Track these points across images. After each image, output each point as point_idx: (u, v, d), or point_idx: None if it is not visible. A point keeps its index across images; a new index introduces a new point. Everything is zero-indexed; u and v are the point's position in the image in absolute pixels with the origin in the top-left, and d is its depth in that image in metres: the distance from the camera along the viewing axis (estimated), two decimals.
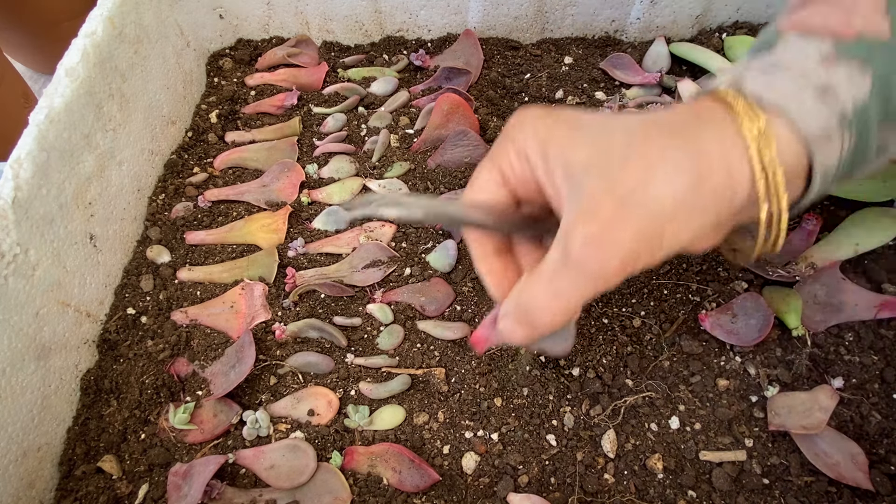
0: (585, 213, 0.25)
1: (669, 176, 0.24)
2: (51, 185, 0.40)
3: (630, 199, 0.24)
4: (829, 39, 0.26)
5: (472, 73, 0.60)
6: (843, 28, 0.26)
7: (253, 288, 0.47)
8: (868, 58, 0.26)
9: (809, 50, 0.26)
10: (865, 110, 0.26)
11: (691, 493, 0.37)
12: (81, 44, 0.44)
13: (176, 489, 0.38)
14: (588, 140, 0.26)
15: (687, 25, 0.63)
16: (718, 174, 0.25)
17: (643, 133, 0.26)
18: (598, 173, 0.25)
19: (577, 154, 0.26)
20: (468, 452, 0.39)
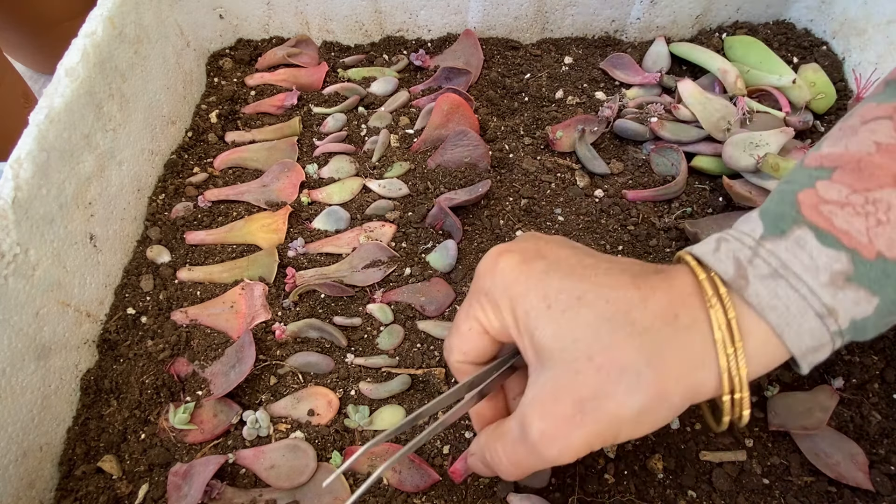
0: (544, 407, 0.26)
1: (629, 393, 0.25)
2: (51, 185, 0.40)
3: (588, 407, 0.25)
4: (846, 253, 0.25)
5: (472, 73, 0.60)
6: (865, 247, 0.25)
7: (253, 288, 0.47)
8: (880, 285, 0.25)
9: (822, 261, 0.25)
10: (864, 322, 0.25)
11: (691, 493, 0.37)
12: (81, 44, 0.44)
13: (176, 489, 0.38)
14: (556, 320, 0.27)
15: (687, 25, 0.63)
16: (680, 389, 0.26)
17: (611, 328, 0.26)
18: (563, 367, 0.26)
19: (544, 333, 0.27)
20: None
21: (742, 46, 0.60)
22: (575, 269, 0.28)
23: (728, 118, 0.53)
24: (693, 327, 0.26)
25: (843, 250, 0.25)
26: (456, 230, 0.48)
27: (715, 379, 0.26)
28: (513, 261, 0.29)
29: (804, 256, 0.25)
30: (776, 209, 0.27)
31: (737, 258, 0.26)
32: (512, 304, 0.28)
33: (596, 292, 0.27)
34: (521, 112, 0.59)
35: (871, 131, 0.27)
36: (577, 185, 0.53)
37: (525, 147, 0.55)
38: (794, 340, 0.25)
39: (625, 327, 0.26)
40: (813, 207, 0.26)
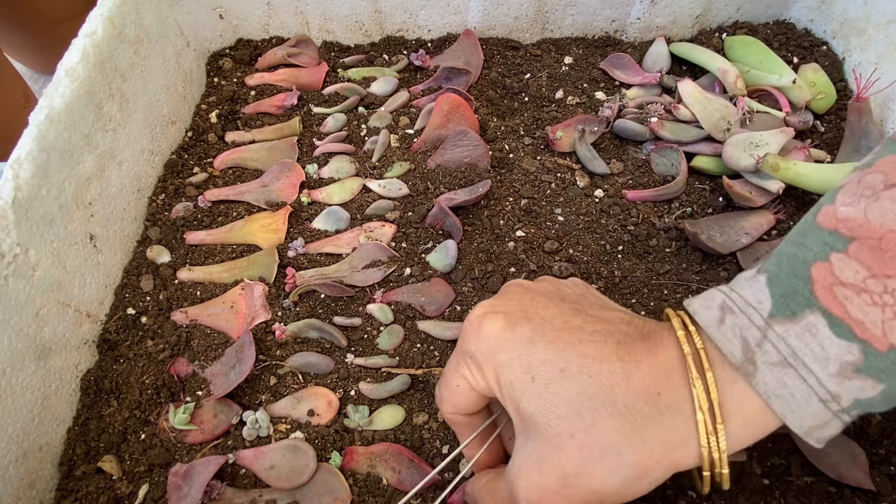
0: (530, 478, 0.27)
1: (610, 472, 0.26)
2: (51, 185, 0.40)
3: (571, 482, 0.26)
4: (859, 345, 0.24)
5: (472, 73, 0.60)
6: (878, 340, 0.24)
7: (253, 288, 0.47)
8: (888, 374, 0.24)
9: (833, 352, 0.24)
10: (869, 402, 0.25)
11: (691, 492, 0.37)
12: (81, 44, 0.44)
13: (176, 489, 0.38)
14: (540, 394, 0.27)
15: (687, 25, 0.63)
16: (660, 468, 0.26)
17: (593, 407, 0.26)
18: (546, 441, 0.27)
19: (528, 405, 0.28)
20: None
21: (742, 46, 0.59)
22: (560, 335, 0.28)
23: (728, 118, 0.53)
24: (675, 407, 0.26)
25: (856, 341, 0.24)
26: (456, 230, 0.48)
27: (695, 456, 0.26)
28: (497, 325, 0.29)
29: (815, 346, 0.24)
30: (787, 282, 0.26)
31: (744, 338, 0.25)
32: (496, 373, 0.29)
33: (579, 364, 0.27)
34: (521, 112, 0.59)
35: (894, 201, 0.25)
36: (577, 185, 0.53)
37: (525, 147, 0.55)
38: (796, 423, 0.25)
39: (606, 406, 0.26)
40: (827, 289, 0.25)
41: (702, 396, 0.26)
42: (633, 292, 0.45)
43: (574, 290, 0.34)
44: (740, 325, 0.26)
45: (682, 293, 0.45)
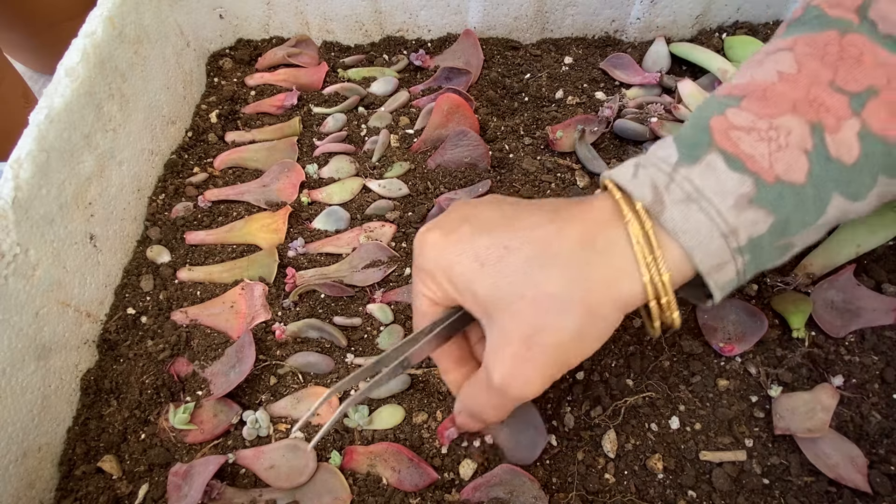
0: (497, 353, 0.29)
1: (561, 317, 0.28)
2: (51, 185, 0.40)
3: (532, 342, 0.28)
4: (751, 178, 0.27)
5: (472, 73, 0.60)
6: (766, 171, 0.27)
7: (253, 288, 0.47)
8: (776, 205, 0.27)
9: (729, 185, 0.27)
10: (759, 240, 0.28)
11: (691, 493, 0.37)
12: (81, 44, 0.44)
13: (176, 489, 0.38)
14: (490, 274, 0.29)
15: (687, 25, 0.63)
16: (607, 302, 0.28)
17: (537, 265, 0.28)
18: (505, 313, 0.29)
19: (482, 289, 0.29)
20: (466, 459, 0.39)
21: (742, 46, 0.60)
22: (499, 223, 0.30)
23: None
24: (612, 246, 0.28)
25: (748, 174, 0.27)
26: None
27: (640, 287, 0.28)
28: (437, 235, 0.31)
29: (714, 180, 0.27)
30: (691, 136, 0.29)
31: (654, 184, 0.28)
32: (447, 273, 0.31)
33: (519, 237, 0.29)
34: (521, 112, 0.59)
35: (774, 62, 0.29)
36: (577, 185, 0.53)
37: (525, 147, 0.55)
38: (701, 259, 0.27)
39: (548, 261, 0.28)
40: (723, 133, 0.28)
41: (636, 230, 0.28)
42: None
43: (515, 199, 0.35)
44: (651, 174, 0.29)
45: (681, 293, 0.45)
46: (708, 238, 0.27)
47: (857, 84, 0.27)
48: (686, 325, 0.43)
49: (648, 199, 0.28)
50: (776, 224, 0.27)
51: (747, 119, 0.28)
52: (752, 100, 0.28)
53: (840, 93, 0.27)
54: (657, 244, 0.28)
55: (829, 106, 0.27)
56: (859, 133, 0.27)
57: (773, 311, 0.43)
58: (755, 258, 0.28)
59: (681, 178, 0.28)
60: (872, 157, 0.27)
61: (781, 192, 0.27)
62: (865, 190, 0.28)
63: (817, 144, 0.27)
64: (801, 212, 0.27)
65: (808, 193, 0.27)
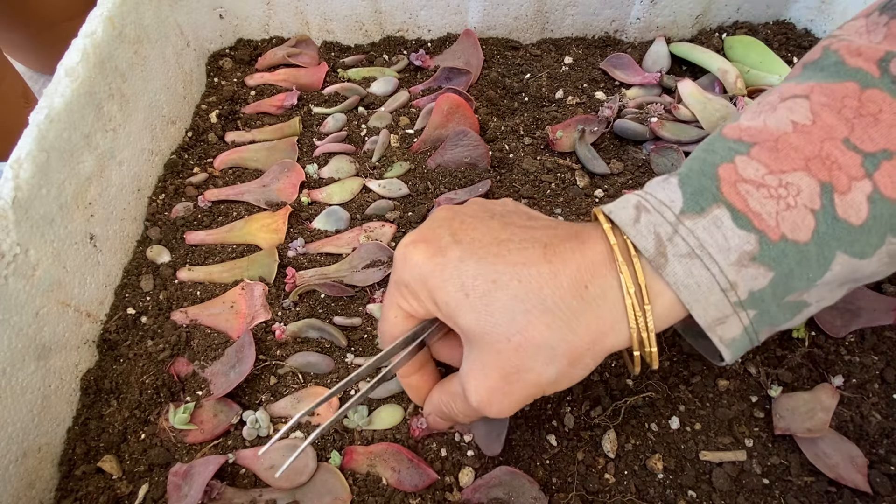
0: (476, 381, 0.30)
1: (545, 364, 0.28)
2: (51, 185, 0.40)
3: (512, 379, 0.29)
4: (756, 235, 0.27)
5: (472, 73, 0.60)
6: (772, 230, 0.26)
7: (253, 288, 0.47)
8: (777, 262, 0.27)
9: (734, 242, 0.27)
10: (760, 295, 0.27)
11: (691, 493, 0.37)
12: (81, 44, 0.44)
13: (176, 489, 0.38)
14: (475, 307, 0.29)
15: (687, 25, 0.63)
16: (592, 353, 0.29)
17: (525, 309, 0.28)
18: (487, 347, 0.29)
19: (466, 320, 0.29)
20: (466, 467, 0.39)
21: (742, 46, 0.60)
22: (489, 250, 0.30)
23: (728, 118, 0.53)
24: (602, 297, 0.28)
25: (754, 232, 0.27)
26: None
27: (625, 339, 0.28)
28: (426, 253, 0.31)
29: (719, 237, 0.27)
30: (697, 182, 0.28)
31: (657, 234, 0.28)
32: (432, 295, 0.30)
33: (510, 272, 0.29)
34: (521, 112, 0.59)
35: (788, 109, 0.28)
36: (577, 185, 0.53)
37: (525, 147, 0.55)
38: (700, 313, 0.27)
39: (537, 306, 0.28)
40: (731, 185, 0.27)
41: (629, 281, 0.28)
42: None
43: (504, 207, 0.35)
44: (654, 221, 0.28)
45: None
46: (707, 292, 0.27)
47: (873, 144, 0.27)
48: None
49: (651, 252, 0.27)
50: (776, 279, 0.27)
51: (757, 172, 0.27)
52: (762, 149, 0.28)
53: (854, 151, 0.27)
54: (648, 299, 0.28)
55: (842, 164, 0.27)
56: (870, 196, 0.26)
57: None
58: (762, 315, 0.28)
59: (685, 231, 0.27)
60: (881, 219, 0.27)
61: (784, 249, 0.27)
62: (872, 249, 0.27)
63: (825, 205, 0.26)
64: (803, 268, 0.27)
65: (811, 251, 0.27)
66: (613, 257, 0.28)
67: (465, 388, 0.30)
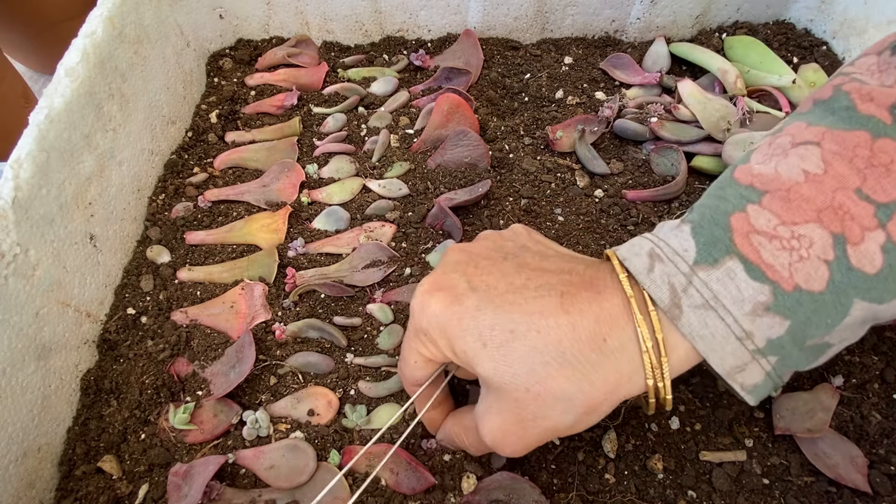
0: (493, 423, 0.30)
1: (564, 414, 0.29)
2: (51, 185, 0.40)
3: (528, 425, 0.30)
4: (770, 286, 0.27)
5: (472, 73, 0.60)
6: (785, 281, 0.27)
7: (253, 288, 0.47)
8: (793, 311, 0.27)
9: (747, 293, 0.27)
10: (780, 342, 0.27)
11: (691, 493, 0.37)
12: (81, 44, 0.44)
13: (176, 489, 0.38)
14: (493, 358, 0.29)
15: (687, 25, 0.63)
16: (609, 402, 0.29)
17: (544, 361, 0.29)
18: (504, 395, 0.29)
19: (485, 369, 0.30)
20: (469, 474, 0.39)
21: (742, 46, 0.60)
22: (506, 298, 0.30)
23: (728, 118, 0.53)
24: (620, 350, 0.28)
25: (767, 283, 0.27)
26: (456, 230, 0.48)
27: (641, 387, 0.29)
28: (443, 302, 0.31)
29: (733, 288, 0.27)
30: (709, 231, 0.28)
31: (671, 284, 0.28)
32: (450, 344, 0.31)
33: (527, 323, 0.29)
34: (521, 112, 0.59)
35: (800, 157, 0.28)
36: (577, 185, 0.53)
37: (525, 147, 0.55)
38: (718, 362, 0.28)
39: (556, 359, 0.28)
40: (744, 236, 0.27)
41: (646, 335, 0.28)
42: None
43: (515, 240, 0.35)
44: (668, 272, 0.28)
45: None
46: (723, 342, 0.27)
47: (886, 195, 0.26)
48: None
49: (666, 303, 0.28)
50: (794, 327, 0.27)
51: (769, 222, 0.27)
52: (774, 199, 0.28)
53: (867, 202, 0.27)
54: (664, 351, 0.28)
55: (854, 215, 0.27)
56: (883, 246, 0.26)
57: None
58: (785, 359, 0.28)
59: (699, 282, 0.27)
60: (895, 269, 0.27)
61: (799, 299, 0.27)
62: (890, 296, 0.27)
63: (839, 256, 0.26)
64: (820, 316, 0.27)
65: (827, 300, 0.27)
66: (630, 310, 0.28)
67: (480, 428, 0.31)
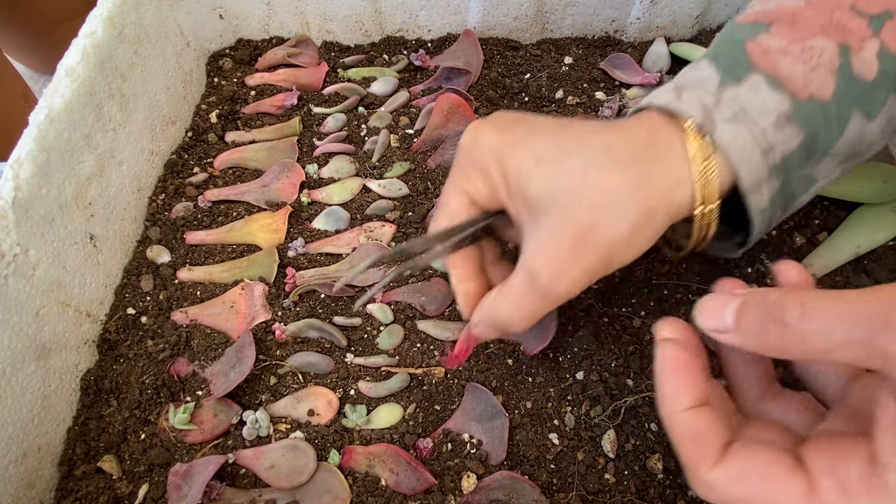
0: (547, 251, 0.28)
1: (619, 218, 0.28)
2: (51, 185, 0.40)
3: (586, 238, 0.28)
4: (789, 97, 0.29)
5: (472, 73, 0.60)
6: (801, 90, 0.29)
7: (253, 288, 0.47)
8: (808, 121, 0.29)
9: (771, 104, 0.29)
10: (791, 159, 0.30)
11: (691, 492, 0.37)
12: (81, 44, 0.44)
13: (176, 489, 0.38)
14: (546, 174, 0.29)
15: (687, 25, 0.63)
16: (663, 208, 0.28)
17: (597, 166, 0.28)
18: (558, 214, 0.28)
19: (536, 187, 0.29)
20: (469, 473, 0.39)
21: None
22: (556, 128, 0.31)
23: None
24: (669, 150, 0.29)
25: (787, 93, 0.29)
26: None
27: (690, 195, 0.29)
28: (494, 129, 0.31)
29: (758, 101, 0.29)
30: (728, 57, 0.31)
31: (703, 103, 0.29)
32: (502, 167, 0.30)
33: (578, 141, 0.29)
34: None
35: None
36: None
37: None
38: (745, 176, 0.29)
39: (608, 161, 0.28)
40: (762, 55, 0.30)
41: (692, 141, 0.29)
42: (634, 293, 0.45)
43: None
44: (697, 95, 0.30)
45: (682, 293, 0.45)
46: (751, 154, 0.29)
47: (877, 6, 0.30)
48: None
49: (699, 118, 0.29)
50: (805, 140, 0.29)
51: (780, 43, 0.30)
52: (781, 25, 0.30)
53: (860, 16, 0.29)
54: (711, 149, 0.28)
55: (852, 28, 0.29)
56: (878, 52, 0.29)
57: None
58: (784, 185, 0.30)
59: (728, 98, 0.29)
60: (888, 75, 0.30)
61: (812, 109, 0.29)
62: (878, 107, 0.30)
63: (843, 64, 0.29)
64: (827, 128, 0.29)
65: (832, 109, 0.29)
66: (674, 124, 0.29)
67: (534, 265, 0.29)
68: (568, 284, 0.28)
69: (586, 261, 0.28)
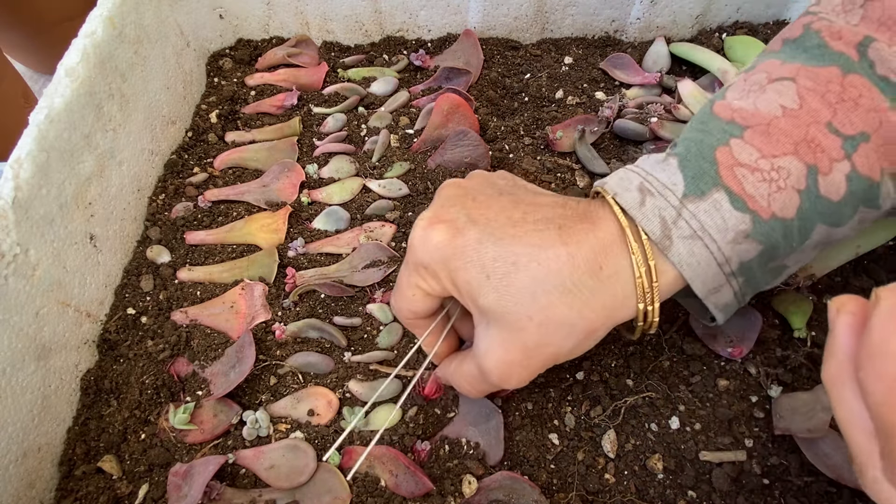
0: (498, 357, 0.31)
1: (565, 338, 0.30)
2: (51, 185, 0.40)
3: (532, 353, 0.31)
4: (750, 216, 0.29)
5: (472, 73, 0.60)
6: (763, 210, 0.29)
7: (253, 288, 0.47)
8: (766, 237, 0.30)
9: (731, 223, 0.29)
10: (749, 265, 0.31)
11: (691, 493, 0.37)
12: (81, 44, 0.44)
13: (176, 489, 0.38)
14: (496, 290, 0.30)
15: (687, 25, 0.63)
16: (607, 326, 0.31)
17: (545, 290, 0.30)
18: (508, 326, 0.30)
19: (487, 300, 0.31)
20: (469, 477, 0.39)
21: (742, 46, 0.59)
22: (506, 231, 0.31)
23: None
24: (615, 276, 0.30)
25: (748, 213, 0.29)
26: None
27: (633, 312, 0.31)
28: (445, 235, 0.32)
29: (718, 219, 0.29)
30: (696, 165, 0.31)
31: (662, 217, 0.30)
32: (452, 277, 0.32)
33: (528, 254, 0.30)
34: (521, 112, 0.59)
35: (777, 92, 0.31)
36: (577, 185, 0.53)
37: (525, 147, 0.55)
38: (700, 287, 0.30)
39: (557, 287, 0.30)
40: (729, 169, 0.30)
41: (640, 262, 0.30)
42: None
43: (504, 181, 0.36)
44: (659, 206, 0.30)
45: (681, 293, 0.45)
46: (707, 268, 0.30)
47: (853, 128, 0.29)
48: (686, 325, 0.43)
49: (657, 234, 0.30)
50: (764, 251, 0.30)
51: (751, 156, 0.30)
52: (755, 133, 0.30)
53: (836, 135, 0.29)
54: (656, 277, 0.30)
55: (825, 147, 0.29)
56: (848, 175, 0.29)
57: (774, 311, 0.43)
58: (749, 281, 0.31)
59: (688, 214, 0.30)
60: (856, 194, 0.30)
61: (773, 226, 0.30)
62: (846, 219, 0.31)
63: (810, 185, 0.29)
64: (787, 240, 0.30)
65: (794, 225, 0.30)
66: (624, 239, 0.30)
67: (485, 365, 0.32)
68: (516, 382, 0.32)
69: (533, 365, 0.31)
